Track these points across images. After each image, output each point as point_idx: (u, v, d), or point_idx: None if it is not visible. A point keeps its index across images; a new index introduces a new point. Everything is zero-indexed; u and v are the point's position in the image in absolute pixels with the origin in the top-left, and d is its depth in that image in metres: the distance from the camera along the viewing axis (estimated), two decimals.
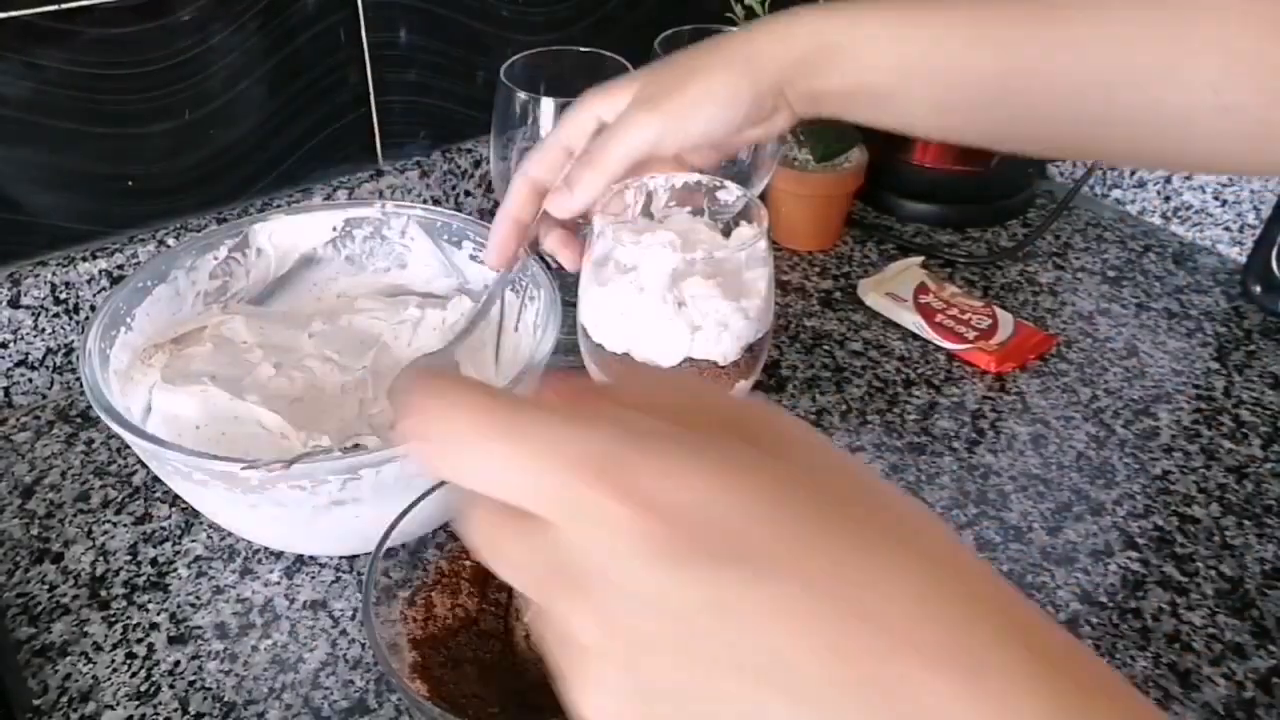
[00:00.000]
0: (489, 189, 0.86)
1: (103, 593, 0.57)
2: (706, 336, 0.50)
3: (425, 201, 0.82)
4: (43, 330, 0.69)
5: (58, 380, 0.71)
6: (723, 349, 0.50)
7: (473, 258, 0.69)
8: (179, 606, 0.57)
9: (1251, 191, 0.87)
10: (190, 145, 0.72)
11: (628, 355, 0.51)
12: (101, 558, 0.59)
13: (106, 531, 0.61)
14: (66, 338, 0.70)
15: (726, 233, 0.54)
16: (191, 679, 0.53)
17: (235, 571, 0.59)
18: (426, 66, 0.80)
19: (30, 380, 0.70)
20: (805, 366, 0.76)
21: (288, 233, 0.68)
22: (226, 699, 0.52)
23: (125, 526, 0.61)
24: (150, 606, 0.57)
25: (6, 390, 0.69)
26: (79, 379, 0.56)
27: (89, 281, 0.70)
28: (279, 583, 0.58)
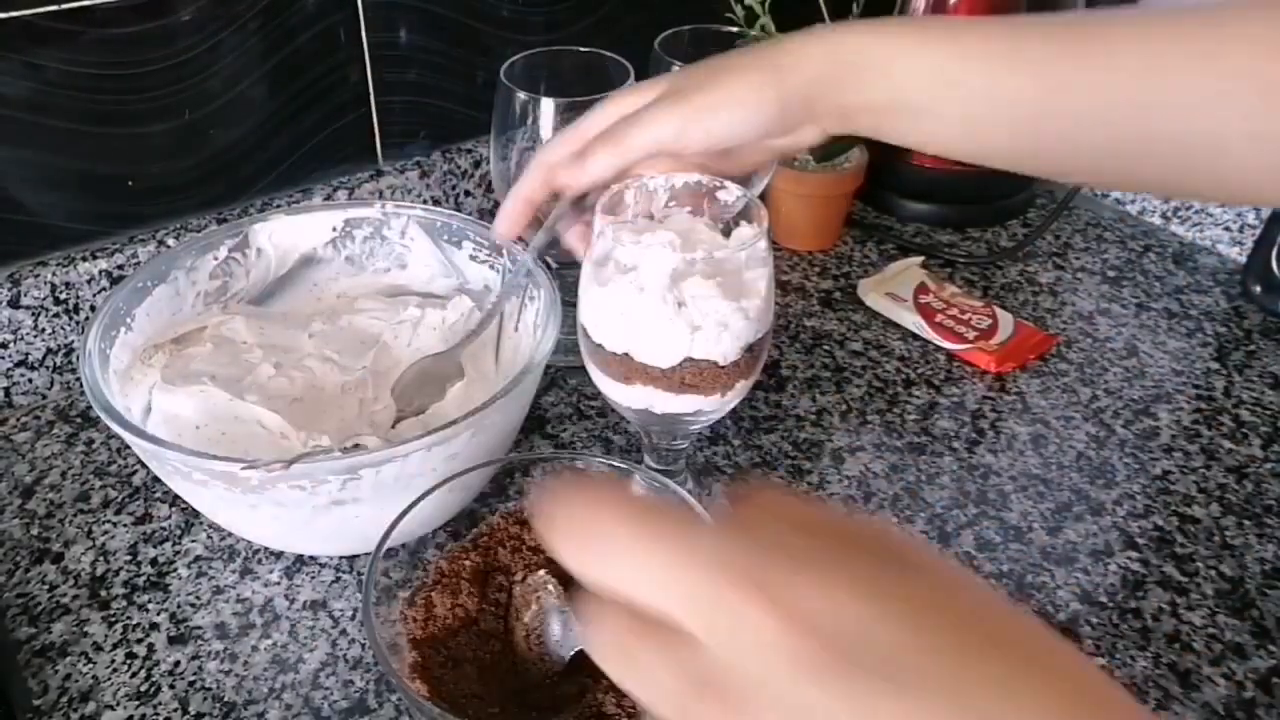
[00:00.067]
0: (489, 189, 0.86)
1: (103, 593, 0.57)
2: (706, 336, 0.50)
3: (425, 201, 0.82)
4: (43, 330, 0.69)
5: (58, 380, 0.71)
6: (723, 349, 0.50)
7: (473, 258, 0.69)
8: (179, 606, 0.57)
9: None
10: (190, 145, 0.72)
11: (628, 355, 0.51)
12: (101, 558, 0.59)
13: (106, 531, 0.61)
14: (66, 338, 0.70)
15: (726, 233, 0.54)
16: (191, 679, 0.53)
17: (235, 571, 0.59)
18: (426, 66, 0.80)
19: (30, 380, 0.70)
20: (805, 366, 0.76)
21: (288, 233, 0.69)
22: (226, 699, 0.52)
23: (125, 526, 0.61)
24: (150, 606, 0.57)
25: (6, 390, 0.69)
26: (79, 379, 0.56)
27: (89, 281, 0.70)
28: (279, 583, 0.58)
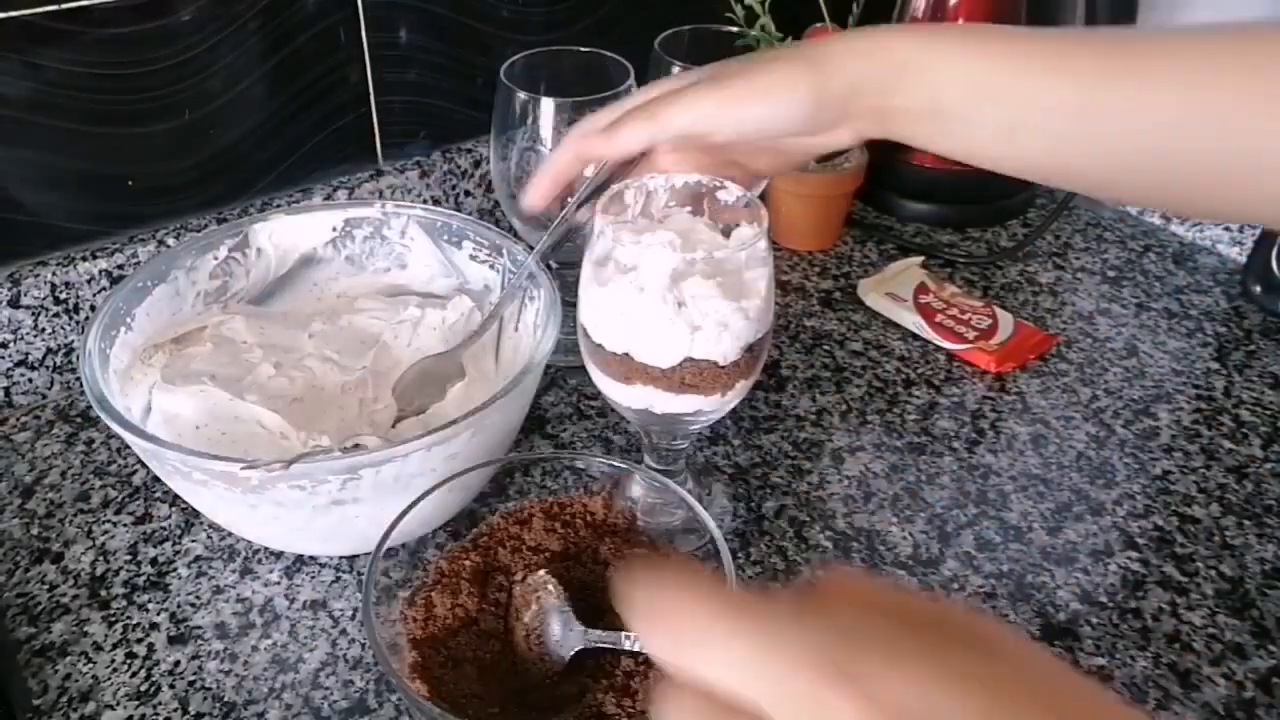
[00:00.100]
0: (489, 189, 0.86)
1: (103, 593, 0.57)
2: (706, 336, 0.50)
3: (425, 201, 0.82)
4: (43, 330, 0.69)
5: (58, 380, 0.71)
6: (723, 349, 0.50)
7: (473, 258, 0.69)
8: (179, 606, 0.57)
9: None
10: (190, 145, 0.72)
11: (628, 355, 0.51)
12: (101, 558, 0.59)
13: (106, 531, 0.61)
14: (66, 338, 0.70)
15: (726, 233, 0.54)
16: (191, 679, 0.53)
17: (235, 571, 0.59)
18: (426, 66, 0.79)
19: (30, 380, 0.70)
20: (805, 366, 0.76)
21: (288, 233, 0.69)
22: (226, 699, 0.52)
23: (125, 526, 0.61)
24: (150, 606, 0.57)
25: (6, 390, 0.69)
26: (79, 379, 0.56)
27: (89, 281, 0.70)
28: (279, 583, 0.58)
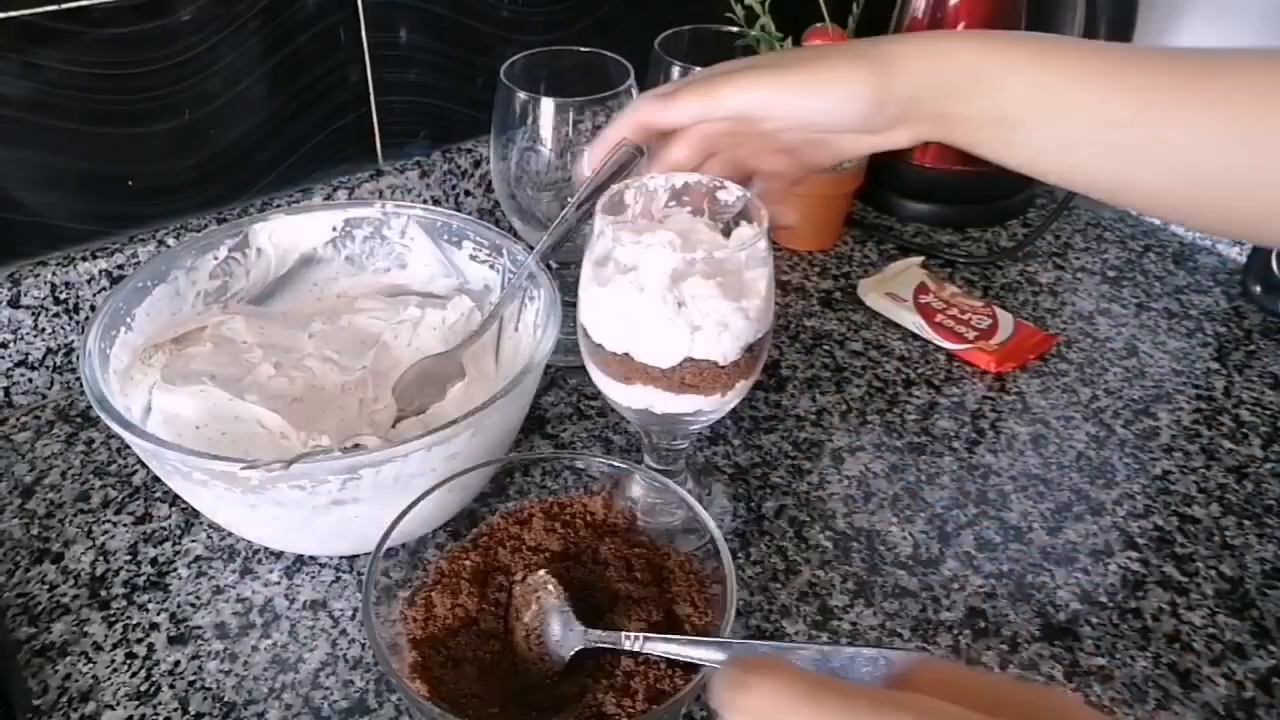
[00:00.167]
0: (489, 189, 0.86)
1: (103, 593, 0.57)
2: (706, 336, 0.50)
3: (425, 201, 0.82)
4: (43, 330, 0.69)
5: (58, 380, 0.71)
6: (723, 349, 0.50)
7: (473, 258, 0.69)
8: (179, 606, 0.57)
9: None
10: (190, 145, 0.72)
11: (628, 355, 0.51)
12: (101, 558, 0.59)
13: (106, 531, 0.61)
14: (66, 338, 0.70)
15: (726, 233, 0.54)
16: (191, 679, 0.53)
17: (235, 571, 0.59)
18: (426, 66, 0.79)
19: (30, 380, 0.70)
20: (805, 366, 0.76)
21: (288, 233, 0.69)
22: (226, 699, 0.52)
23: (125, 526, 0.61)
24: (150, 606, 0.57)
25: (6, 390, 0.69)
26: (79, 379, 0.56)
27: (89, 281, 0.70)
28: (279, 583, 0.58)
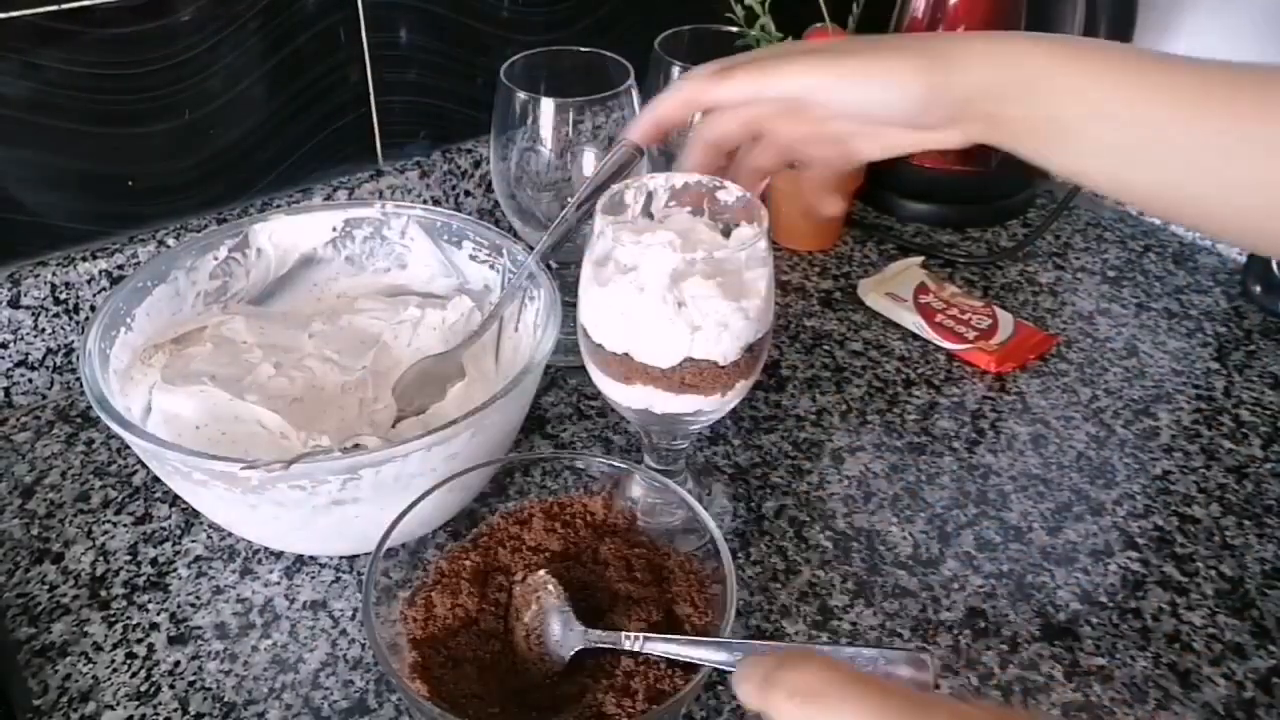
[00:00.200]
0: (489, 189, 0.86)
1: (103, 593, 0.57)
2: (706, 336, 0.50)
3: (425, 201, 0.82)
4: (43, 330, 0.69)
5: (58, 380, 0.71)
6: (723, 349, 0.50)
7: (473, 258, 0.69)
8: (179, 606, 0.57)
9: None
10: (190, 145, 0.72)
11: (628, 355, 0.51)
12: (101, 558, 0.59)
13: (106, 531, 0.61)
14: (66, 338, 0.70)
15: (726, 233, 0.54)
16: (191, 679, 0.53)
17: (235, 571, 0.59)
18: (426, 66, 0.79)
19: (30, 380, 0.70)
20: (805, 366, 0.76)
21: (288, 233, 0.69)
22: (226, 699, 0.52)
23: (125, 526, 0.61)
24: (150, 606, 0.57)
25: (6, 390, 0.69)
26: (79, 379, 0.56)
27: (89, 281, 0.70)
28: (279, 583, 0.58)
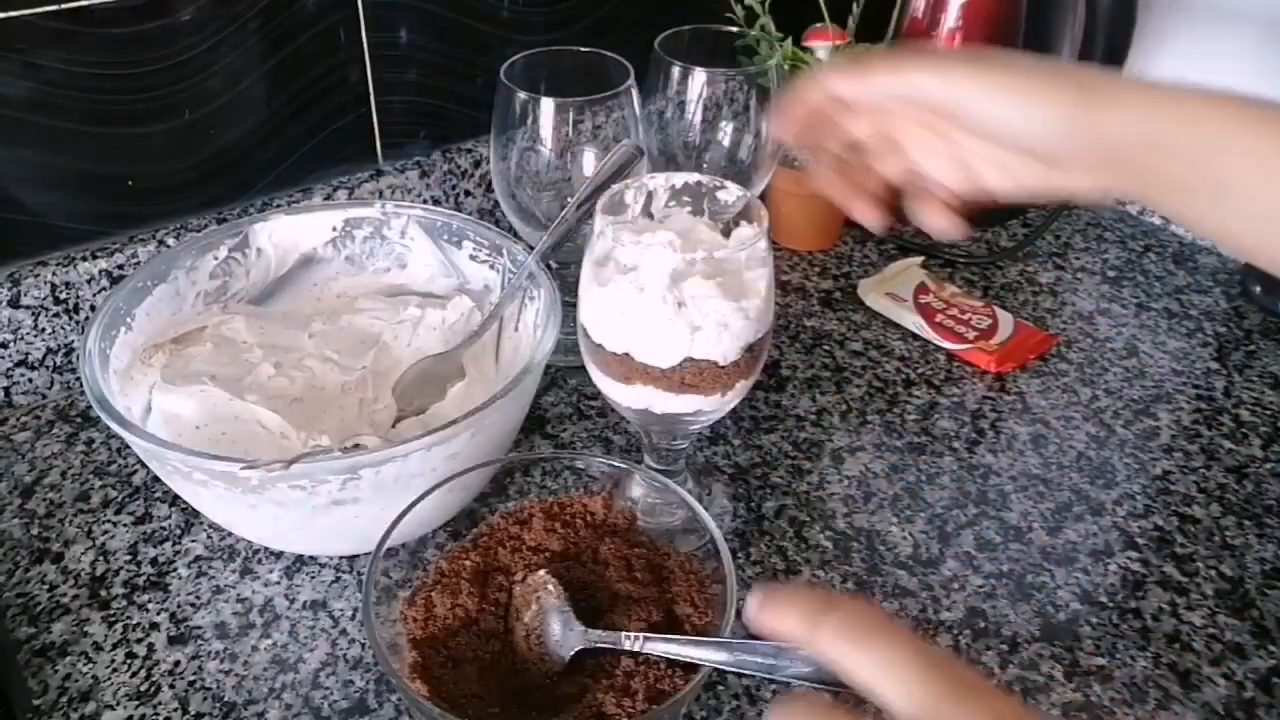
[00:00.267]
0: (489, 189, 0.86)
1: (103, 593, 0.57)
2: (706, 336, 0.50)
3: (425, 201, 0.82)
4: (43, 330, 0.69)
5: (58, 380, 0.71)
6: (723, 349, 0.50)
7: (473, 258, 0.69)
8: (179, 606, 0.57)
9: None
10: (190, 145, 0.72)
11: (628, 355, 0.51)
12: (101, 558, 0.59)
13: (106, 531, 0.61)
14: (66, 338, 0.70)
15: (726, 233, 0.54)
16: (191, 679, 0.53)
17: (235, 571, 0.59)
18: (426, 66, 0.79)
19: (30, 380, 0.70)
20: (805, 366, 0.76)
21: (288, 233, 0.69)
22: (226, 699, 0.52)
23: (125, 526, 0.61)
24: (150, 606, 0.57)
25: (6, 390, 0.69)
26: (79, 379, 0.56)
27: (89, 281, 0.70)
28: (279, 583, 0.58)
